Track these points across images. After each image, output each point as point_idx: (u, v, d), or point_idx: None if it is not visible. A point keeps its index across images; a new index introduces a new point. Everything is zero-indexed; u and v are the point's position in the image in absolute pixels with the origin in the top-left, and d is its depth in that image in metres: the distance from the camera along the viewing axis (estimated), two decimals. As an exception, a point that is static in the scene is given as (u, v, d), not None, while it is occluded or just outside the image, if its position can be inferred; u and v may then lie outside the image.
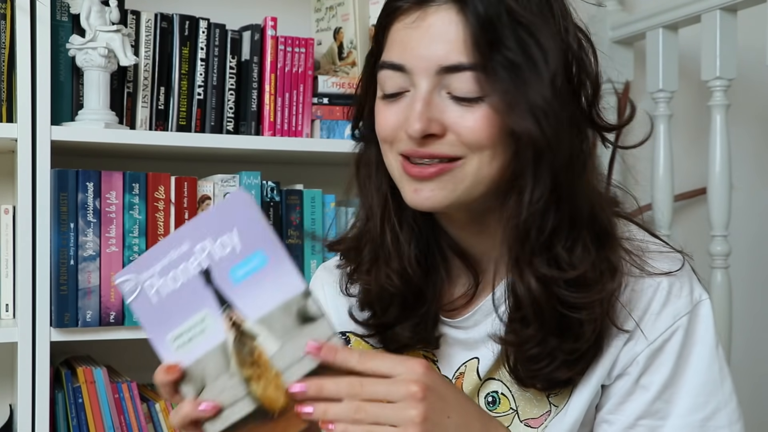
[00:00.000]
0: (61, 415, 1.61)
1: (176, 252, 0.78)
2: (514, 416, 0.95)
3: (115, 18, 1.65)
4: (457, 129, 0.86)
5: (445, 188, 0.87)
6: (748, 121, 2.34)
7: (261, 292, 0.78)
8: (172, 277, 0.78)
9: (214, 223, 0.78)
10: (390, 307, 0.96)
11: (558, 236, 0.87)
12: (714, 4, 1.82)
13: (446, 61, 0.85)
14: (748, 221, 2.28)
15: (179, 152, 1.79)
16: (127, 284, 0.79)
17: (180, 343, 0.79)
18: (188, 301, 0.78)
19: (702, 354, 0.90)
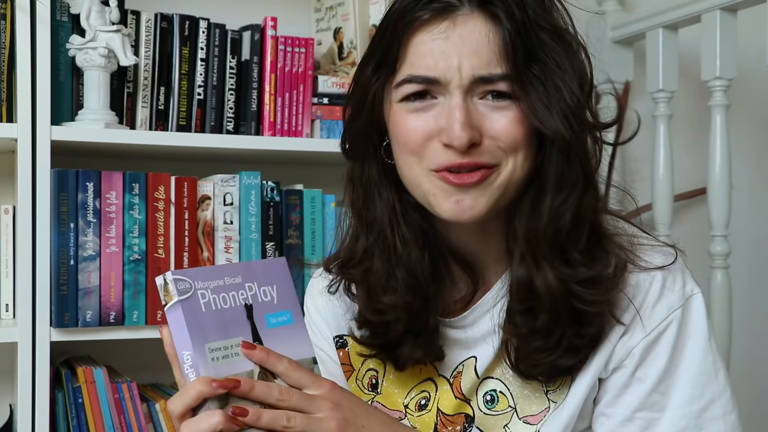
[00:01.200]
0: (61, 415, 1.61)
1: (230, 279, 0.86)
2: (513, 414, 0.96)
3: (115, 18, 1.65)
4: (493, 133, 0.87)
5: (485, 194, 0.88)
6: (748, 121, 2.34)
7: (284, 343, 0.86)
8: (222, 297, 0.84)
9: (261, 273, 0.88)
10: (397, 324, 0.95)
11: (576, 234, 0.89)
12: (714, 4, 1.82)
13: (482, 71, 0.86)
14: (748, 221, 2.28)
15: (179, 152, 1.79)
16: (181, 283, 0.82)
17: (215, 356, 0.82)
18: (230, 324, 0.84)
19: (696, 346, 0.92)
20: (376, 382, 1.04)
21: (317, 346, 1.10)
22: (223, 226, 1.70)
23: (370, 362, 1.04)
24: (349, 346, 1.06)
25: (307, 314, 1.12)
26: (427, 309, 0.96)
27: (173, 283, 0.81)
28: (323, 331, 1.09)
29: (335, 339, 1.07)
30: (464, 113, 0.85)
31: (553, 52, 0.87)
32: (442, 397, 0.99)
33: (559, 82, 0.86)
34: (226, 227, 1.71)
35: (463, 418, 0.98)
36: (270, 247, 1.73)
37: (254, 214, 1.72)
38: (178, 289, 0.82)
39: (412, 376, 1.01)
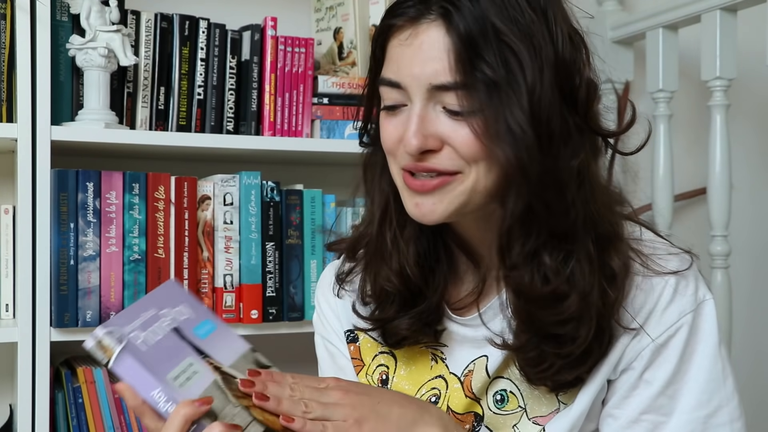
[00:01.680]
0: (61, 415, 1.61)
1: (147, 314, 0.87)
2: (523, 414, 0.96)
3: (115, 18, 1.65)
4: (452, 143, 0.87)
5: (444, 201, 0.89)
6: (748, 121, 2.34)
7: (222, 347, 0.88)
8: (151, 331, 0.85)
9: (165, 299, 0.90)
10: (389, 305, 0.98)
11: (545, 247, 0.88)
12: (714, 4, 1.82)
13: (435, 80, 0.86)
14: (748, 221, 2.28)
15: (179, 152, 1.79)
16: (114, 333, 0.83)
17: (180, 382, 0.82)
18: (173, 350, 0.85)
19: (705, 352, 0.92)
20: (386, 377, 1.04)
21: (327, 340, 1.10)
22: (223, 226, 1.71)
23: (381, 358, 1.05)
24: (360, 341, 1.06)
25: (318, 308, 1.12)
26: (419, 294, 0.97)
27: (108, 336, 0.82)
28: (334, 326, 1.09)
29: (346, 333, 1.08)
30: (417, 121, 0.87)
31: (507, 64, 0.83)
32: (452, 395, 0.99)
33: (509, 96, 0.83)
34: (226, 227, 1.71)
35: (473, 417, 0.98)
36: (270, 247, 1.73)
37: (254, 214, 1.72)
38: (115, 340, 0.82)
39: (423, 372, 1.02)
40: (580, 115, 0.88)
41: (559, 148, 0.86)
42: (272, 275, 1.74)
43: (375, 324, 1.00)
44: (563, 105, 0.86)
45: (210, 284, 1.70)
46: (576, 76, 0.88)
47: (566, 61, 0.87)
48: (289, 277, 1.76)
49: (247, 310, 1.71)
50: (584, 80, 0.89)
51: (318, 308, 1.12)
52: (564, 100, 0.87)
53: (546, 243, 0.88)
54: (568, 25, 0.89)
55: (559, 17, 0.88)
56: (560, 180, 0.86)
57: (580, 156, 0.88)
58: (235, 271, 1.71)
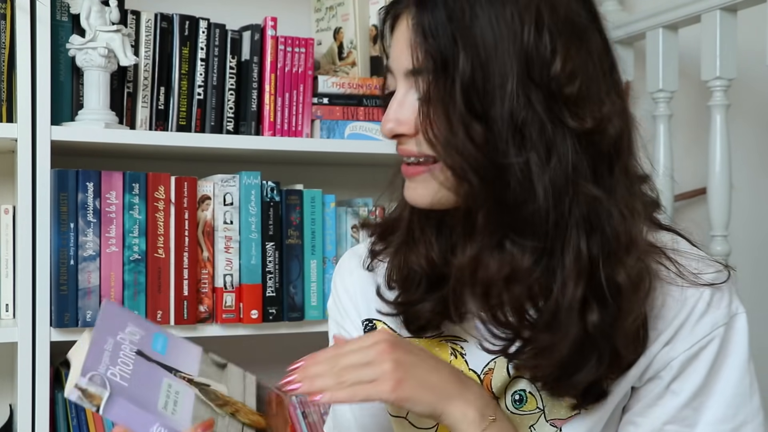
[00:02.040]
0: (61, 415, 1.61)
1: (108, 345, 0.84)
2: (540, 415, 0.95)
3: (115, 18, 1.65)
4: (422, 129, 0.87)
5: (428, 188, 0.89)
6: (748, 121, 2.34)
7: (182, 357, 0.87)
8: (121, 362, 0.83)
9: (111, 326, 0.87)
10: (415, 287, 0.97)
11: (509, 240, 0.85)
12: (714, 4, 1.82)
13: (406, 66, 0.88)
14: (748, 221, 2.28)
15: (179, 152, 1.79)
16: (96, 378, 0.79)
17: (171, 409, 0.82)
18: (148, 376, 0.84)
19: (735, 366, 0.92)
20: None
21: (342, 326, 1.09)
22: (223, 226, 1.71)
23: None
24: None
25: (335, 294, 1.11)
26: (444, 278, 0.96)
27: (91, 384, 0.79)
28: (350, 314, 1.08)
29: (364, 323, 1.06)
30: (394, 106, 0.89)
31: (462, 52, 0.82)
32: None
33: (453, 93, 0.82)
34: (226, 227, 1.71)
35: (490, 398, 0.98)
36: (270, 247, 1.73)
37: (254, 214, 1.72)
38: (99, 386, 0.79)
39: None
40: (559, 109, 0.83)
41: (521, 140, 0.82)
42: (272, 275, 1.74)
43: (399, 308, 1.00)
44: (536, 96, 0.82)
45: (210, 284, 1.70)
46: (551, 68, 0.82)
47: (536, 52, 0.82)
48: (289, 277, 1.76)
49: (247, 310, 1.71)
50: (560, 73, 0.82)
51: (335, 294, 1.11)
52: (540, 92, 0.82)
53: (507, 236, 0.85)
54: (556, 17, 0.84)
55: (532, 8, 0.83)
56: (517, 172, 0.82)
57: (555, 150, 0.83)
58: (235, 271, 1.71)
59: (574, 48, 0.84)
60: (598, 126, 0.84)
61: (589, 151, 0.84)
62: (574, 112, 0.83)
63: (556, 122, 0.83)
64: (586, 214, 0.84)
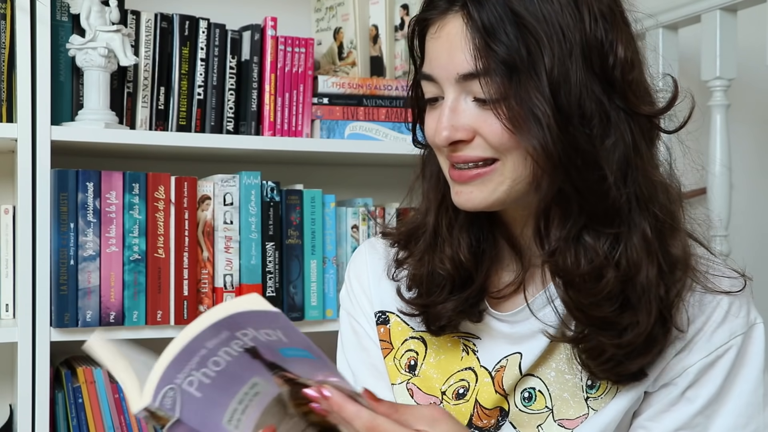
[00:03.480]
0: (61, 415, 1.61)
1: (215, 340, 0.73)
2: (549, 415, 0.95)
3: (115, 18, 1.65)
4: (482, 133, 0.87)
5: (484, 190, 0.89)
6: (748, 121, 2.34)
7: (311, 368, 0.77)
8: (213, 362, 0.74)
9: (256, 320, 0.75)
10: (438, 290, 0.98)
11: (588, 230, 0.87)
12: (714, 4, 1.82)
13: (461, 69, 0.86)
14: (748, 221, 2.28)
15: (179, 152, 1.79)
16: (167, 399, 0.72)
17: (235, 420, 0.77)
18: (235, 376, 0.76)
19: (750, 376, 0.92)
20: (414, 363, 1.03)
21: (354, 318, 1.09)
22: (223, 226, 1.71)
23: (411, 343, 1.04)
24: (391, 324, 1.05)
25: (348, 284, 1.11)
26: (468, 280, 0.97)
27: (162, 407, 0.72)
28: (363, 306, 1.08)
29: (377, 314, 1.06)
30: (447, 113, 0.88)
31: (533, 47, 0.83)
32: (482, 389, 0.98)
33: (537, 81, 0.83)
34: (226, 227, 1.71)
35: (498, 412, 0.98)
36: (270, 247, 1.73)
37: (254, 214, 1.72)
38: (166, 408, 0.72)
39: (453, 362, 1.01)
40: (618, 97, 0.86)
41: (590, 128, 0.85)
42: (272, 275, 1.74)
43: (421, 309, 1.00)
44: (596, 85, 0.85)
45: (210, 284, 1.70)
46: (610, 56, 0.86)
47: (597, 41, 0.85)
48: (289, 277, 1.76)
49: (247, 310, 1.71)
50: (619, 60, 0.86)
51: (348, 285, 1.11)
52: (599, 80, 0.85)
53: (587, 225, 0.87)
54: (602, 5, 0.88)
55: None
56: (593, 161, 0.85)
57: (618, 137, 0.86)
58: (235, 271, 1.71)
59: (625, 36, 0.89)
60: (651, 110, 0.89)
61: (644, 135, 0.89)
62: (633, 97, 0.87)
63: (617, 108, 0.86)
64: (646, 195, 0.87)
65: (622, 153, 0.86)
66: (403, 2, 1.96)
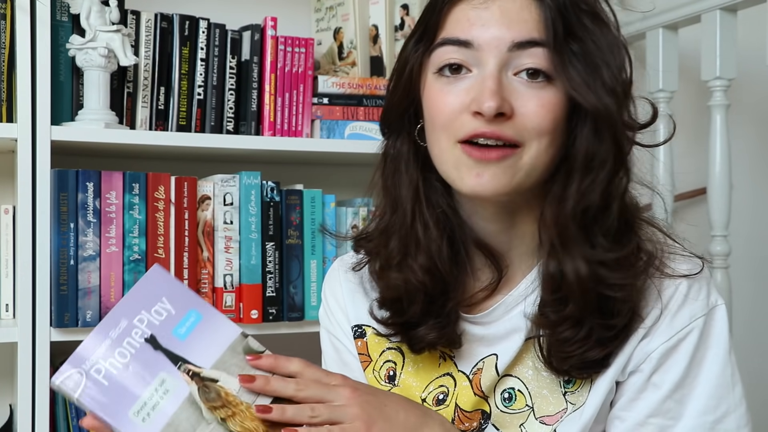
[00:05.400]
0: (61, 415, 1.61)
1: (116, 331, 0.83)
2: (530, 413, 0.96)
3: (115, 18, 1.65)
4: (524, 111, 0.87)
5: (506, 174, 0.88)
6: (748, 121, 2.34)
7: (206, 342, 0.84)
8: (119, 353, 0.82)
9: (143, 298, 0.84)
10: (413, 305, 0.96)
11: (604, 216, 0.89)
12: (714, 4, 1.82)
13: (520, 37, 0.87)
14: (748, 221, 2.28)
15: (179, 152, 1.79)
16: (69, 380, 0.80)
17: (144, 414, 0.80)
18: (142, 371, 0.82)
19: (716, 357, 0.92)
20: (393, 373, 1.04)
21: (333, 335, 1.09)
22: (223, 226, 1.71)
23: (389, 354, 1.04)
24: (368, 336, 1.05)
25: (325, 302, 1.11)
26: (444, 293, 0.96)
27: (62, 387, 0.80)
28: (340, 322, 1.08)
29: (353, 329, 1.07)
30: (496, 82, 0.86)
31: (593, 35, 0.88)
32: (460, 393, 0.99)
33: (598, 61, 0.88)
34: (226, 227, 1.71)
35: (480, 415, 0.98)
36: (270, 247, 1.73)
37: (254, 214, 1.72)
38: (68, 389, 0.80)
39: (431, 370, 1.01)
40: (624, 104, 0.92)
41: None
42: (272, 275, 1.74)
43: (397, 329, 0.99)
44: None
45: (210, 284, 1.70)
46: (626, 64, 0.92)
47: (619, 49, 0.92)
48: (289, 277, 1.76)
49: (247, 310, 1.71)
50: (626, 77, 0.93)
51: (325, 303, 1.11)
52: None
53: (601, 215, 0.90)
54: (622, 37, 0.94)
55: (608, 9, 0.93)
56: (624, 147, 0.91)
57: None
58: (235, 271, 1.71)
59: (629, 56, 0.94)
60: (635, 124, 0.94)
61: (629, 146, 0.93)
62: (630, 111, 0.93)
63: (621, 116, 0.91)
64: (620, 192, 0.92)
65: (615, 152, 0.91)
66: (403, 2, 1.96)
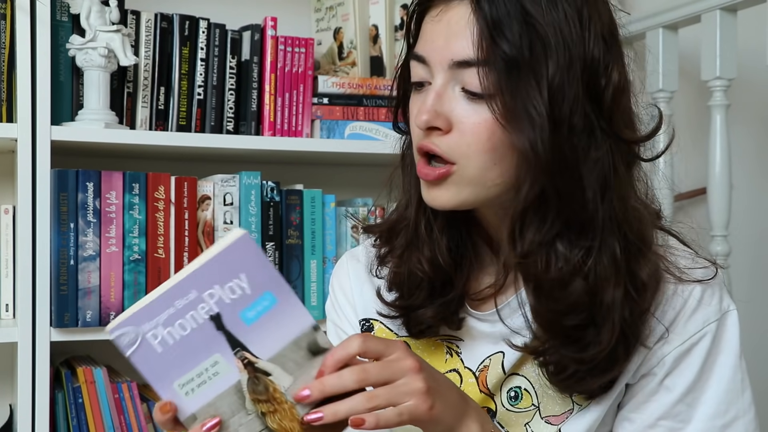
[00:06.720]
0: (61, 415, 1.61)
1: (183, 301, 0.78)
2: (536, 412, 0.96)
3: (115, 18, 1.65)
4: (461, 127, 0.86)
5: (448, 191, 0.89)
6: (748, 121, 2.34)
7: (272, 331, 0.80)
8: (179, 325, 0.78)
9: (221, 268, 0.79)
10: (417, 291, 0.97)
11: (561, 238, 0.87)
12: (714, 4, 1.82)
13: (458, 55, 0.85)
14: (748, 221, 2.28)
15: (179, 152, 1.79)
16: (125, 337, 0.78)
17: (189, 389, 0.79)
18: (198, 347, 0.79)
19: (727, 362, 0.93)
20: None
21: (340, 327, 1.09)
22: (223, 226, 1.71)
23: None
24: (375, 331, 1.05)
25: (332, 295, 1.11)
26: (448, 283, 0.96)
27: (117, 340, 0.77)
28: (348, 315, 1.08)
29: (361, 323, 1.06)
30: (434, 96, 0.87)
31: (532, 46, 0.83)
32: (466, 389, 0.98)
33: (537, 82, 0.82)
34: (226, 227, 1.71)
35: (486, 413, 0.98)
36: (270, 247, 1.73)
37: (254, 214, 1.72)
38: (123, 345, 0.78)
39: (438, 365, 1.00)
40: (604, 118, 0.87)
41: (578, 140, 0.85)
42: (272, 275, 1.74)
43: (401, 311, 0.99)
44: (587, 103, 0.85)
45: (210, 284, 1.70)
46: (602, 78, 0.87)
47: (594, 60, 0.86)
48: (289, 277, 1.76)
49: (247, 310, 1.71)
50: (612, 83, 0.87)
51: (332, 295, 1.11)
52: (589, 98, 0.86)
53: (561, 234, 0.86)
54: (604, 27, 0.88)
55: (595, 17, 0.87)
56: (576, 171, 0.85)
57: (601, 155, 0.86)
58: (235, 271, 1.71)
59: (621, 61, 0.90)
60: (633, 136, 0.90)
61: (623, 159, 0.89)
62: (619, 121, 0.88)
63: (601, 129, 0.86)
64: (620, 217, 0.88)
65: (601, 171, 0.86)
66: (403, 2, 1.96)
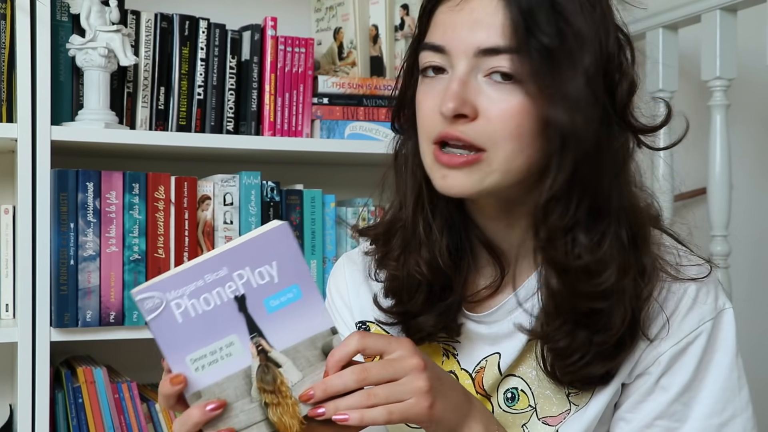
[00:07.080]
0: (61, 415, 1.61)
1: (212, 276, 0.79)
2: (533, 413, 0.96)
3: (115, 18, 1.65)
4: (489, 114, 0.86)
5: (471, 178, 0.88)
6: (748, 121, 2.34)
7: (291, 324, 0.80)
8: (204, 299, 0.79)
9: (255, 253, 0.79)
10: (416, 295, 0.96)
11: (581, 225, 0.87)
12: (714, 4, 1.82)
13: (485, 43, 0.85)
14: (748, 221, 2.28)
15: (179, 152, 1.79)
16: (148, 301, 0.78)
17: (200, 365, 0.79)
18: (217, 325, 0.79)
19: (723, 360, 0.92)
20: None
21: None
22: (223, 226, 1.71)
23: None
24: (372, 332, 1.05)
25: (329, 298, 1.11)
26: (447, 287, 0.96)
27: (140, 303, 0.77)
28: (345, 318, 1.08)
29: (358, 325, 1.06)
30: (458, 84, 0.86)
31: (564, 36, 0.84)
32: None
33: (565, 66, 0.84)
34: (226, 227, 1.71)
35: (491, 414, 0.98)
36: (270, 247, 1.73)
37: (254, 214, 1.72)
38: (145, 309, 0.78)
39: None
40: (617, 111, 0.89)
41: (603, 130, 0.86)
42: (272, 275, 1.74)
43: (399, 318, 0.99)
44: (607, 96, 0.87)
45: (210, 284, 1.70)
46: (617, 73, 0.89)
47: (611, 55, 0.88)
48: (289, 277, 1.76)
49: (247, 310, 1.71)
50: (625, 78, 0.89)
51: (329, 298, 1.11)
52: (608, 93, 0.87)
53: (582, 220, 0.87)
54: (620, 30, 0.91)
55: (609, 13, 0.90)
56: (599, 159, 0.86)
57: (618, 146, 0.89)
58: (235, 271, 1.71)
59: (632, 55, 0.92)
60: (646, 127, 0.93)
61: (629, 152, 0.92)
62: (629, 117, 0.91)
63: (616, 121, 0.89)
64: (626, 204, 0.89)
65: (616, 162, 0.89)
66: (403, 2, 1.96)
